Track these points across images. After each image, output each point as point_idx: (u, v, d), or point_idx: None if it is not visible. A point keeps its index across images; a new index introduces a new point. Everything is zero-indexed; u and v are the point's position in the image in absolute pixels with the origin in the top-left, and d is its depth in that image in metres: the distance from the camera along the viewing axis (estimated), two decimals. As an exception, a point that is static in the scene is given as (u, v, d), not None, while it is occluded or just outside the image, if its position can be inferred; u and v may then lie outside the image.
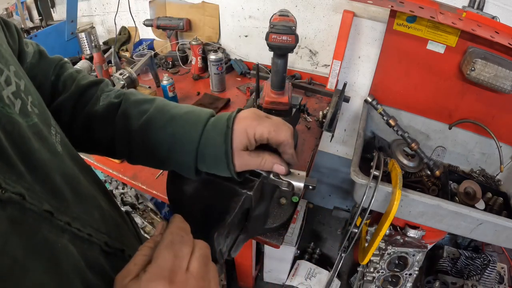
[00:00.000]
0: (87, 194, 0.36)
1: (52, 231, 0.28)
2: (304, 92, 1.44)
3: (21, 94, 0.31)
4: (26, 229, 0.25)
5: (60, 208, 0.30)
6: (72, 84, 0.48)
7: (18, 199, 0.25)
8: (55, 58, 0.50)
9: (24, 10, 1.79)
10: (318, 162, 1.86)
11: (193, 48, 1.51)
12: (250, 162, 0.45)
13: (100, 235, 0.35)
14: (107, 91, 0.49)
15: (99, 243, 0.34)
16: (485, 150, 1.26)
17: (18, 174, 0.26)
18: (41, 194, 0.28)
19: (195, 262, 0.32)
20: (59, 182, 0.31)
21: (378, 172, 0.92)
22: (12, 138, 0.27)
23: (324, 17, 1.36)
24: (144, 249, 0.33)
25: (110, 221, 0.39)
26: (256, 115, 0.45)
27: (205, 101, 1.37)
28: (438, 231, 1.07)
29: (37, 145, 0.30)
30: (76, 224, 0.31)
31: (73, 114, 0.47)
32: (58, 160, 0.33)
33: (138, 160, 0.49)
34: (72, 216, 0.31)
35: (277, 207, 0.88)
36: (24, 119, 0.30)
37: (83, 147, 0.49)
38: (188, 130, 0.45)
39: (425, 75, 1.21)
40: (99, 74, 1.28)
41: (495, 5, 1.09)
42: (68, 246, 0.29)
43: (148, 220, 1.48)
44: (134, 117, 0.46)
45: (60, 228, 0.29)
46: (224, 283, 1.49)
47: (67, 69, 0.50)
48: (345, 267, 1.77)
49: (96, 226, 0.34)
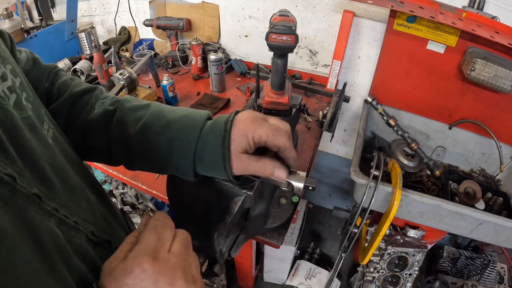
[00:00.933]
0: (75, 185, 0.38)
1: (39, 213, 0.30)
2: (304, 92, 1.44)
3: (16, 90, 0.33)
4: (14, 207, 0.28)
5: (48, 194, 0.32)
6: (66, 91, 0.48)
7: (9, 180, 0.28)
8: (49, 66, 0.50)
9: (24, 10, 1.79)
10: (318, 162, 1.86)
11: (193, 48, 1.51)
12: (250, 166, 0.44)
13: (87, 224, 0.37)
14: (102, 99, 0.49)
15: (85, 232, 0.36)
16: (485, 150, 1.26)
17: (10, 158, 0.29)
18: (31, 179, 0.30)
19: (176, 244, 0.35)
20: (48, 171, 0.33)
21: (378, 172, 0.92)
22: (5, 126, 0.29)
23: (324, 17, 1.36)
24: (130, 238, 0.35)
25: (97, 214, 0.41)
26: (254, 117, 0.45)
27: (205, 101, 1.37)
28: (438, 231, 1.07)
29: (28, 135, 0.32)
30: (63, 211, 0.33)
31: (68, 121, 0.48)
32: (48, 151, 0.35)
33: (136, 166, 0.50)
34: (60, 204, 0.33)
35: (277, 207, 0.88)
36: (18, 112, 0.32)
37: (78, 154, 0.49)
38: (185, 134, 0.45)
39: (425, 75, 1.21)
40: (99, 74, 1.28)
41: (495, 5, 1.09)
42: (54, 229, 0.31)
43: (148, 220, 1.48)
44: (130, 124, 0.47)
45: (47, 212, 0.31)
46: (224, 283, 1.48)
47: (61, 76, 0.50)
48: (345, 267, 1.77)
49: (83, 216, 0.37)
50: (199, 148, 0.44)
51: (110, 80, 1.29)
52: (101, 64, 1.25)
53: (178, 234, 0.37)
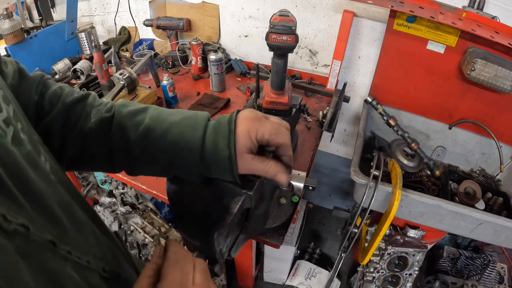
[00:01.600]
0: (81, 220, 0.37)
1: (57, 260, 0.29)
2: (304, 92, 1.44)
3: (12, 121, 0.31)
4: (32, 259, 0.26)
5: (61, 238, 0.30)
6: (58, 102, 0.46)
7: (23, 230, 0.25)
8: (36, 77, 0.47)
9: (24, 10, 1.79)
10: (318, 162, 1.86)
11: (193, 48, 1.51)
12: (254, 167, 0.45)
13: (98, 261, 0.36)
14: (97, 106, 0.48)
15: (97, 269, 0.35)
16: (485, 150, 1.26)
17: (19, 206, 0.26)
18: (42, 224, 0.28)
19: (198, 275, 0.36)
20: (57, 211, 0.32)
21: (378, 172, 0.92)
22: (8, 168, 0.27)
23: (324, 17, 1.36)
24: (147, 271, 0.35)
25: (104, 246, 0.40)
26: (256, 116, 0.45)
27: (205, 101, 1.37)
28: (438, 231, 1.07)
29: (33, 175, 0.30)
30: (76, 252, 0.32)
31: (63, 134, 0.45)
32: (52, 188, 0.33)
33: (138, 171, 0.49)
34: (72, 245, 0.32)
35: (277, 207, 0.88)
36: (17, 148, 0.30)
37: (78, 166, 0.48)
38: (188, 137, 0.44)
39: (425, 75, 1.21)
40: (99, 74, 1.28)
41: (495, 5, 1.09)
42: (72, 274, 0.30)
43: (148, 220, 1.48)
44: (130, 129, 0.46)
45: (63, 257, 0.30)
46: (224, 283, 1.48)
47: (50, 86, 0.48)
48: (345, 267, 1.77)
49: (94, 253, 0.36)
50: (204, 150, 0.44)
51: (110, 80, 1.29)
52: (101, 64, 1.25)
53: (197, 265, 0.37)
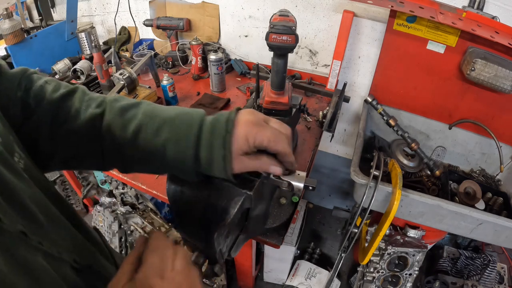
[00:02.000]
0: (54, 214, 0.38)
1: (28, 250, 0.30)
2: (304, 92, 1.44)
3: None
4: (5, 248, 0.27)
5: (32, 229, 0.32)
6: (44, 99, 0.44)
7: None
8: (17, 72, 0.45)
9: (24, 10, 1.79)
10: (318, 162, 1.86)
11: (193, 48, 1.51)
12: (248, 164, 0.44)
13: (69, 253, 0.37)
14: (87, 101, 0.46)
15: (68, 261, 0.36)
16: (485, 150, 1.26)
17: None
18: (14, 216, 0.30)
19: (178, 261, 0.38)
20: (29, 205, 0.33)
21: (378, 172, 0.92)
22: None
23: (324, 17, 1.36)
24: (130, 259, 0.37)
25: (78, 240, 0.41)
26: (256, 120, 0.44)
27: (205, 101, 1.37)
28: (438, 231, 1.07)
29: (5, 172, 0.31)
30: (47, 243, 0.33)
31: (52, 130, 0.44)
32: (25, 185, 0.34)
33: (132, 169, 0.47)
34: (43, 236, 0.33)
35: (277, 207, 0.88)
36: None
37: (70, 165, 0.48)
38: (183, 134, 0.43)
39: (425, 75, 1.21)
40: (99, 74, 1.28)
41: (495, 5, 1.09)
42: (43, 263, 0.32)
43: (148, 220, 1.48)
44: (122, 125, 0.44)
45: (34, 247, 0.31)
46: (224, 283, 1.48)
47: (35, 81, 0.45)
48: (345, 267, 1.77)
49: (66, 246, 0.37)
50: (198, 148, 0.43)
51: (110, 80, 1.29)
52: (101, 64, 1.25)
53: (178, 251, 0.39)
